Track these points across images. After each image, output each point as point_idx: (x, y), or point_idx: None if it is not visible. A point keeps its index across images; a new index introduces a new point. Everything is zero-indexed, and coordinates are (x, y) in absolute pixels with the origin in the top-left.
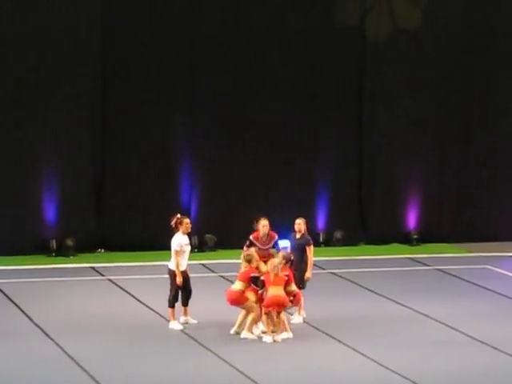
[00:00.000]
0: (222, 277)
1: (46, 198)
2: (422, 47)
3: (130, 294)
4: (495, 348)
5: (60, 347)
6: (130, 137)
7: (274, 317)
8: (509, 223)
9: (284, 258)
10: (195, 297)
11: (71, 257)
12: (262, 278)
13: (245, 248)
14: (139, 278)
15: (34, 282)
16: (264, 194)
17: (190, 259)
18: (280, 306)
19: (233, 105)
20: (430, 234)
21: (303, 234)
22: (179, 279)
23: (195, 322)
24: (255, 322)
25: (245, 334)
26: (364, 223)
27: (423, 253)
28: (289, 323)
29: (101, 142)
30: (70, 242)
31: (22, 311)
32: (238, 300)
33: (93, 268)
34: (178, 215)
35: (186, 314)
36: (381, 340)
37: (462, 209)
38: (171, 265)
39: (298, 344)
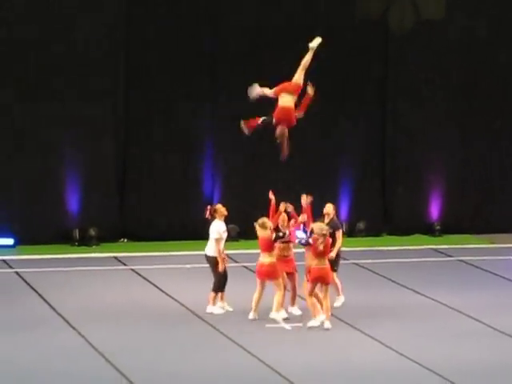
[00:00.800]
0: (245, 267)
1: (70, 188)
2: (445, 38)
3: (152, 283)
4: None
5: (82, 336)
6: (154, 126)
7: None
8: None
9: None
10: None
11: (94, 246)
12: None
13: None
14: (162, 267)
15: (56, 272)
16: (287, 184)
17: None
18: (327, 280)
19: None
20: (452, 225)
21: (332, 219)
22: (221, 266)
23: (231, 309)
24: (281, 302)
25: (274, 314)
26: (387, 214)
27: (446, 244)
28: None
29: (124, 132)
30: (92, 232)
31: (45, 300)
32: (269, 273)
33: (115, 258)
34: (209, 206)
35: (222, 299)
36: (403, 330)
37: (484, 200)
38: (210, 251)
39: (320, 333)
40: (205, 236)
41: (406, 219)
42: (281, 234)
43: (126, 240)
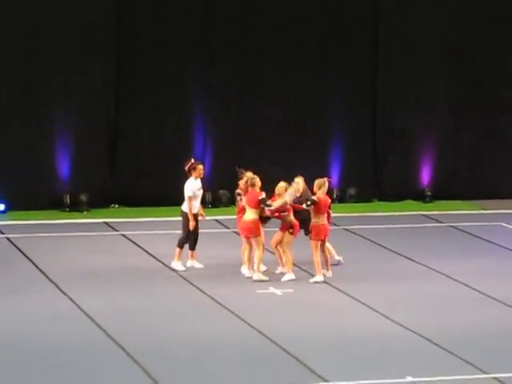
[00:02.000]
0: (236, 233)
1: (60, 154)
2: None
3: (143, 249)
4: (508, 305)
5: (73, 301)
6: (144, 93)
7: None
8: None
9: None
10: (210, 250)
11: (85, 212)
12: (314, 198)
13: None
14: (153, 233)
15: (47, 237)
16: (278, 151)
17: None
18: (324, 235)
19: (246, 63)
20: (443, 191)
21: (302, 192)
22: (192, 223)
23: (201, 266)
24: (261, 259)
25: (257, 276)
26: (378, 180)
27: (436, 210)
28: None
29: (115, 99)
30: (83, 198)
31: (36, 265)
32: (251, 230)
33: (106, 223)
34: (192, 160)
35: (193, 257)
36: (393, 296)
37: (475, 166)
38: (185, 207)
39: (309, 299)
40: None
41: (397, 185)
42: (268, 203)
43: (116, 206)
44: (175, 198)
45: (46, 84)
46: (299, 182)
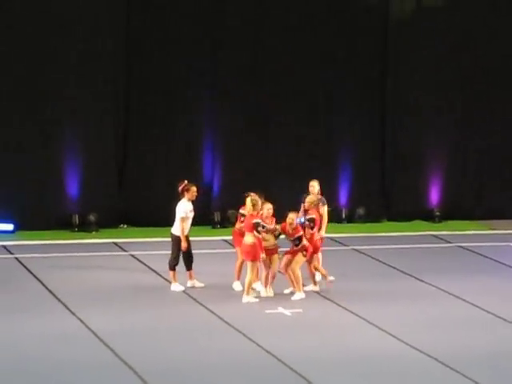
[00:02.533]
0: None
1: (69, 173)
2: (446, 24)
3: (152, 269)
4: None
5: (82, 322)
6: (154, 112)
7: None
8: None
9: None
10: (218, 269)
11: (94, 232)
12: (313, 216)
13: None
14: (161, 253)
15: (56, 257)
16: (287, 170)
17: (212, 235)
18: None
19: (255, 81)
20: (452, 211)
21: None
22: (184, 244)
23: (202, 285)
24: (252, 283)
25: (246, 298)
26: (387, 200)
27: (445, 230)
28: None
29: (124, 118)
30: (92, 218)
31: (45, 286)
32: (248, 253)
33: (115, 243)
34: (186, 181)
35: (191, 277)
36: (402, 316)
37: (484, 186)
38: (175, 230)
39: (318, 319)
40: (204, 222)
41: (406, 205)
42: (261, 227)
43: (125, 226)
44: None
45: (55, 104)
46: (314, 186)
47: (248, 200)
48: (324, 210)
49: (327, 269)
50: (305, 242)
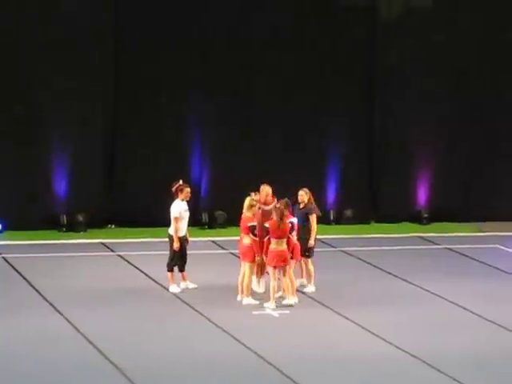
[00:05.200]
0: (232, 254)
1: (57, 173)
2: (433, 25)
3: (140, 269)
4: (505, 328)
5: (70, 322)
6: (142, 112)
7: (281, 277)
8: None
9: (286, 202)
10: (206, 271)
11: (81, 232)
12: (266, 225)
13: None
14: (149, 253)
15: (44, 257)
16: (274, 172)
17: (200, 236)
18: (284, 262)
19: (243, 81)
20: (440, 213)
21: (306, 204)
22: (176, 245)
23: (195, 286)
24: (250, 285)
25: (246, 300)
26: (374, 201)
27: (433, 232)
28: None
29: (112, 117)
30: (80, 218)
31: (32, 286)
32: (244, 254)
33: (103, 244)
34: (180, 181)
35: (184, 279)
36: (390, 318)
37: (472, 188)
38: (170, 230)
39: (306, 321)
40: (192, 223)
41: (394, 207)
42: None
43: (113, 226)
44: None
45: (43, 104)
46: (303, 195)
47: (247, 200)
48: (313, 218)
49: (315, 271)
50: (295, 238)
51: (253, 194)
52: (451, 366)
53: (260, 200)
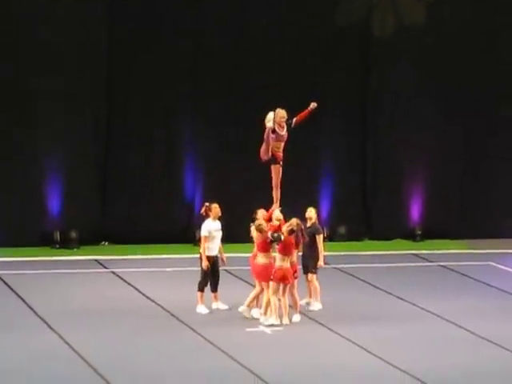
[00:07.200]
0: (227, 271)
1: (50, 190)
2: (426, 43)
3: (133, 286)
4: (498, 345)
5: (63, 339)
6: (135, 128)
7: (280, 294)
8: None
9: (298, 223)
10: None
11: (75, 249)
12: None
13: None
14: (143, 271)
15: (37, 274)
16: (268, 188)
17: (193, 253)
18: (288, 279)
19: (237, 94)
20: (433, 230)
21: (314, 223)
22: (205, 263)
23: (226, 307)
24: (270, 303)
25: (265, 319)
26: (368, 219)
27: (427, 249)
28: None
29: (105, 134)
30: (73, 234)
31: (25, 303)
32: (260, 275)
33: (96, 261)
34: (206, 203)
35: (216, 299)
36: (383, 335)
37: (465, 205)
38: (201, 249)
39: (299, 337)
40: (185, 239)
41: (387, 224)
42: (275, 235)
43: (106, 243)
44: (165, 236)
45: (36, 121)
46: (312, 211)
47: (252, 229)
48: (320, 238)
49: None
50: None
51: (256, 222)
52: (443, 383)
53: (264, 218)
